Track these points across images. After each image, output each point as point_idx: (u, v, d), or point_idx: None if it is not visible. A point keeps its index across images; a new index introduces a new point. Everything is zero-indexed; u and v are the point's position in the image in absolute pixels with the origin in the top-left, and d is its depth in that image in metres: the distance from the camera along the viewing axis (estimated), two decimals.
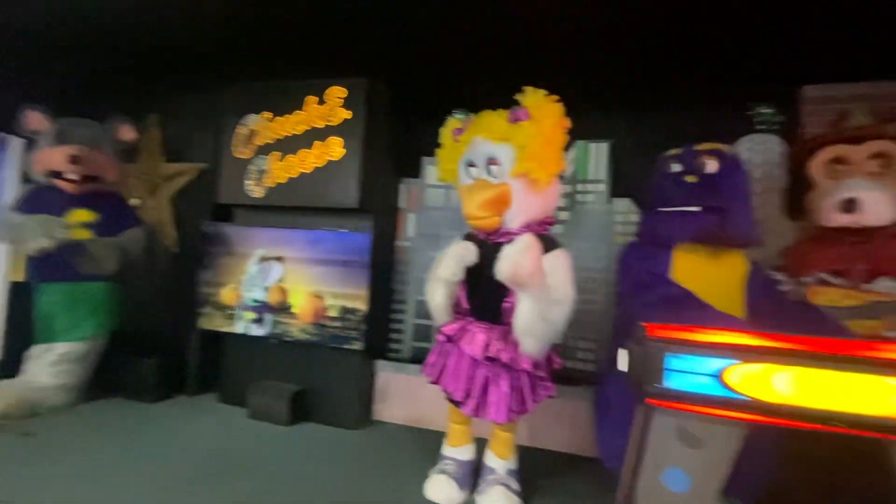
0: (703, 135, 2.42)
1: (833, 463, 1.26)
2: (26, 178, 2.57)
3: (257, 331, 2.52)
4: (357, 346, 2.35)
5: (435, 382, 1.80)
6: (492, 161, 1.70)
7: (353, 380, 2.43)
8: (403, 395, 2.54)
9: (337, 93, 2.39)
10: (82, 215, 2.36)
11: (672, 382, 1.04)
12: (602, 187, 2.63)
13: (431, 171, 2.65)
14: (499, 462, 1.79)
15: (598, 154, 2.67)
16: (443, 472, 1.80)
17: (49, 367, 2.33)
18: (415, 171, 2.75)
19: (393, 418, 2.56)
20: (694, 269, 1.65)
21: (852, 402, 0.93)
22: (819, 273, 1.72)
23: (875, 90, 2.23)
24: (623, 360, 1.17)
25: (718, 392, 1.00)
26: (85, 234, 2.34)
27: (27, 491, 1.62)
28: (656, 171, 1.82)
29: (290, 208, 2.52)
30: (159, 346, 2.76)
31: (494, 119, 1.70)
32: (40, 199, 2.33)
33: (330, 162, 2.38)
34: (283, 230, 2.49)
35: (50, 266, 2.29)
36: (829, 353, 0.95)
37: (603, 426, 1.74)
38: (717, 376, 1.00)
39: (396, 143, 2.69)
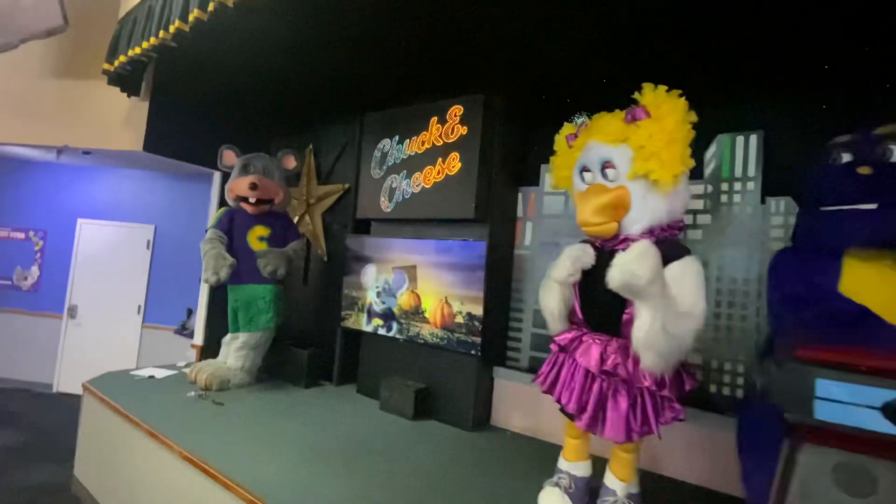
0: (889, 115, 1.94)
1: None
2: (223, 204, 3.29)
3: (386, 333, 2.79)
4: (475, 351, 2.44)
5: (547, 392, 1.77)
6: (607, 164, 1.63)
7: (470, 384, 2.52)
8: (521, 404, 2.54)
9: (455, 111, 2.55)
10: (260, 231, 2.93)
11: (823, 413, 0.87)
12: (752, 185, 2.29)
13: (549, 179, 2.63)
14: (618, 484, 1.68)
15: (746, 147, 2.33)
16: (557, 485, 1.75)
17: (235, 351, 2.93)
18: (533, 180, 2.76)
19: (511, 426, 2.58)
20: (872, 282, 1.32)
21: None
22: None
23: None
24: (764, 384, 1.02)
25: (885, 429, 0.81)
26: (262, 246, 2.90)
27: (220, 447, 2.06)
28: (820, 162, 1.52)
29: (417, 220, 2.75)
30: (312, 341, 3.25)
31: (609, 120, 1.64)
32: (233, 218, 2.96)
33: (448, 176, 2.54)
34: (408, 240, 2.72)
35: (236, 271, 2.88)
36: None
37: (747, 461, 1.50)
38: (884, 410, 0.81)
39: (514, 152, 2.74)
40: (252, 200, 2.87)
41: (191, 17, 2.12)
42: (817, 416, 0.87)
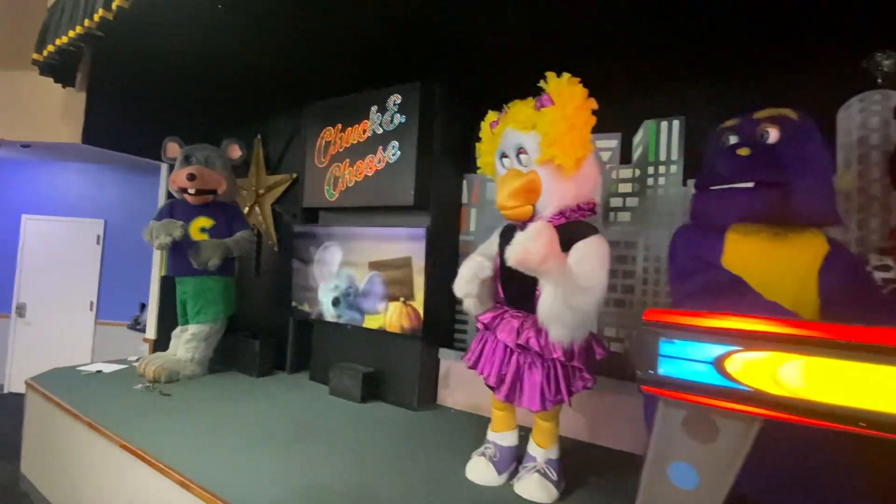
0: (798, 100, 2.09)
1: None
2: (169, 195, 3.25)
3: (336, 319, 2.84)
4: (417, 334, 2.51)
5: (472, 367, 1.86)
6: (521, 150, 1.71)
7: (415, 366, 2.60)
8: (464, 383, 2.64)
9: (394, 99, 2.59)
10: (202, 222, 2.92)
11: (665, 369, 0.97)
12: (675, 168, 2.42)
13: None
14: (538, 451, 1.79)
15: (669, 132, 2.46)
16: (483, 454, 1.86)
17: (184, 343, 2.93)
18: (476, 167, 2.82)
19: (455, 404, 2.68)
20: (751, 254, 1.45)
21: (880, 398, 0.78)
22: None
23: None
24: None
25: (716, 381, 0.91)
26: (204, 237, 2.89)
27: (161, 435, 2.08)
28: (710, 145, 1.64)
29: (361, 209, 2.79)
30: (264, 330, 3.27)
31: (521, 108, 1.71)
32: (174, 209, 2.94)
33: (388, 164, 2.58)
34: (354, 228, 2.76)
35: (182, 263, 2.87)
36: (854, 342, 0.81)
37: (647, 422, 1.63)
38: (715, 364, 0.92)
39: (457, 140, 2.79)
40: (191, 191, 2.85)
41: (113, 5, 2.09)
42: (661, 373, 0.97)
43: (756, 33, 2.18)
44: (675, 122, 2.42)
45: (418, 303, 2.52)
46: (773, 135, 1.44)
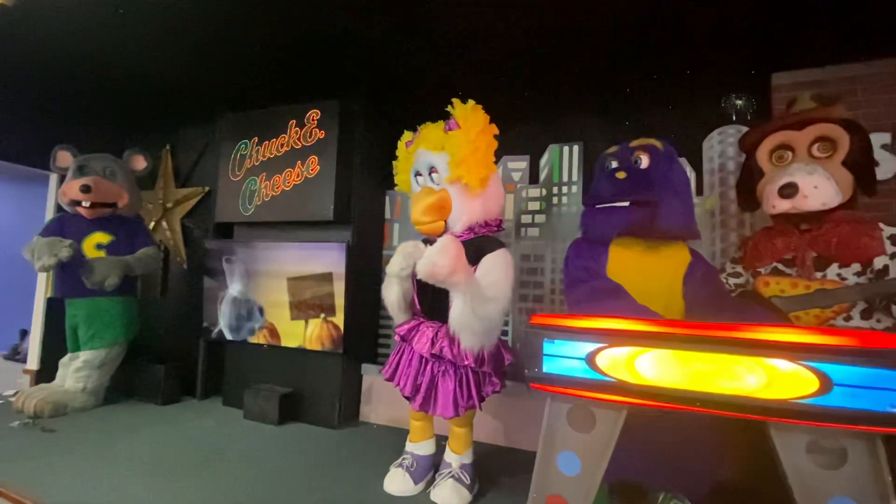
0: (673, 129, 2.44)
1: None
2: (60, 209, 2.94)
3: (250, 338, 2.73)
4: (338, 350, 2.50)
5: (389, 379, 1.90)
6: (432, 169, 1.82)
7: (335, 383, 2.57)
8: (387, 397, 2.65)
9: (313, 115, 2.59)
10: (99, 237, 2.68)
11: (548, 367, 1.09)
12: (576, 188, 2.67)
13: None
14: (453, 457, 1.86)
15: (570, 156, 2.71)
16: (400, 465, 1.89)
17: (74, 372, 2.64)
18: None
19: (378, 419, 2.68)
20: (629, 263, 1.66)
21: (716, 382, 0.95)
22: (773, 263, 1.69)
23: (843, 73, 2.16)
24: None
25: (588, 375, 1.05)
26: (100, 254, 2.65)
27: (43, 477, 1.85)
28: (596, 168, 1.86)
29: (280, 223, 2.73)
30: (171, 354, 3.04)
31: (432, 130, 1.82)
32: (64, 224, 2.67)
33: (307, 179, 2.57)
34: (272, 244, 2.70)
35: (73, 283, 2.60)
36: (691, 335, 0.98)
37: None
38: (587, 359, 1.05)
39: (378, 156, 2.85)
40: (86, 204, 2.62)
41: None
42: (545, 371, 1.09)
43: (640, 74, 2.53)
44: (576, 147, 2.69)
45: (339, 319, 2.51)
46: (644, 161, 1.67)
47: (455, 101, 1.75)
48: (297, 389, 2.64)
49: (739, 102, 2.38)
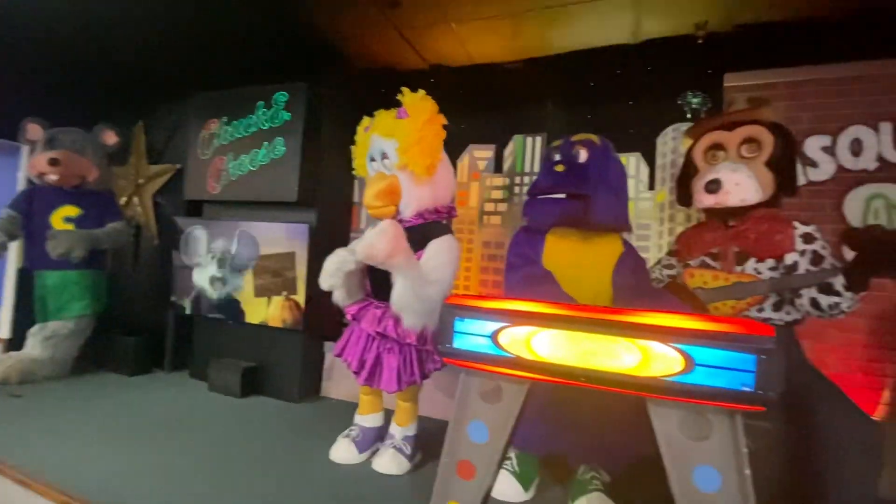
0: (631, 124, 2.53)
1: None
2: (30, 181, 2.97)
3: (217, 315, 2.81)
4: (300, 327, 2.59)
5: (338, 356, 2.00)
6: (384, 155, 1.88)
7: (297, 359, 2.66)
8: (348, 374, 2.73)
9: (280, 97, 2.63)
10: (68, 210, 2.72)
11: (458, 343, 1.18)
12: None
13: None
14: (397, 429, 1.97)
15: (533, 147, 2.78)
16: (347, 436, 1.99)
17: (42, 341, 2.70)
18: None
19: (338, 395, 2.79)
20: (564, 252, 1.75)
21: (601, 361, 1.04)
22: (701, 256, 1.78)
23: (791, 76, 2.24)
24: None
25: (493, 351, 1.14)
26: (68, 227, 2.69)
27: (8, 440, 1.93)
28: (542, 159, 1.93)
29: (247, 203, 2.79)
30: (141, 327, 3.12)
31: (385, 117, 1.88)
32: (33, 197, 2.71)
33: (273, 160, 2.62)
34: (239, 222, 2.75)
35: (42, 255, 2.65)
36: (579, 317, 1.07)
37: None
38: (492, 337, 1.14)
39: (347, 140, 2.90)
40: (53, 178, 2.65)
41: None
42: (455, 346, 1.18)
43: (603, 69, 2.60)
44: (539, 138, 2.76)
45: (300, 297, 2.59)
46: (583, 155, 1.75)
47: (405, 89, 1.80)
48: (260, 364, 2.74)
49: (694, 101, 2.46)
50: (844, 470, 1.30)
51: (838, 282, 1.41)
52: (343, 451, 1.94)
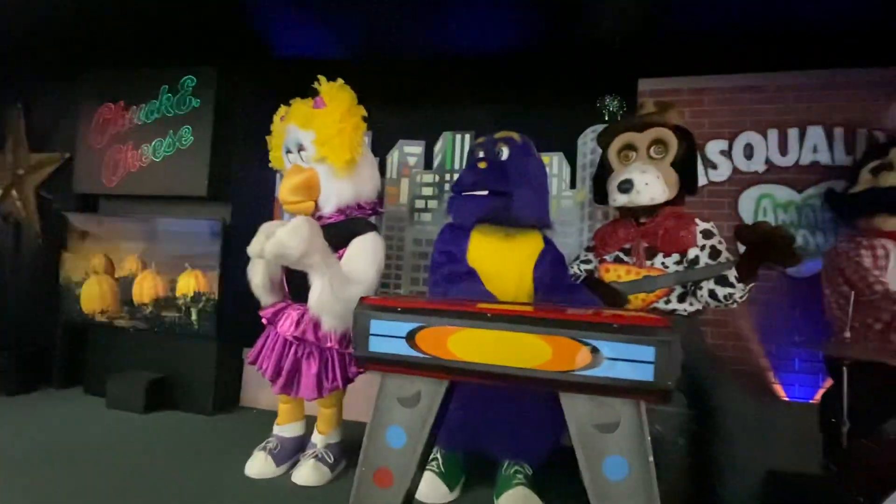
0: (555, 124, 2.59)
1: None
2: None
3: (120, 322, 2.51)
4: (212, 333, 2.38)
5: (253, 363, 1.85)
6: (300, 147, 1.77)
7: (210, 368, 2.45)
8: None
9: (188, 82, 2.40)
10: None
11: (374, 346, 1.13)
12: None
13: None
14: (319, 437, 1.87)
15: (463, 144, 2.78)
16: (263, 448, 1.86)
17: None
18: None
19: (261, 404, 2.61)
20: (487, 249, 1.75)
21: (515, 358, 1.04)
22: (615, 252, 1.86)
23: (695, 84, 2.42)
24: None
25: (409, 352, 1.10)
26: None
27: None
28: (468, 156, 1.92)
29: (149, 198, 2.52)
30: (23, 338, 2.72)
31: (301, 106, 1.77)
32: None
33: (179, 150, 2.39)
34: (136, 219, 2.48)
35: None
36: (493, 315, 1.06)
37: None
38: (407, 338, 1.10)
39: (266, 131, 2.72)
40: None
41: None
42: (371, 349, 1.12)
43: (529, 70, 2.66)
44: (468, 136, 2.76)
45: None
46: (505, 152, 1.76)
47: (321, 77, 1.71)
48: (168, 375, 2.49)
49: (611, 104, 2.57)
50: (739, 448, 1.41)
51: (732, 274, 1.53)
52: (259, 465, 1.80)
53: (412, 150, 2.84)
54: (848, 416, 1.46)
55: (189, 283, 2.36)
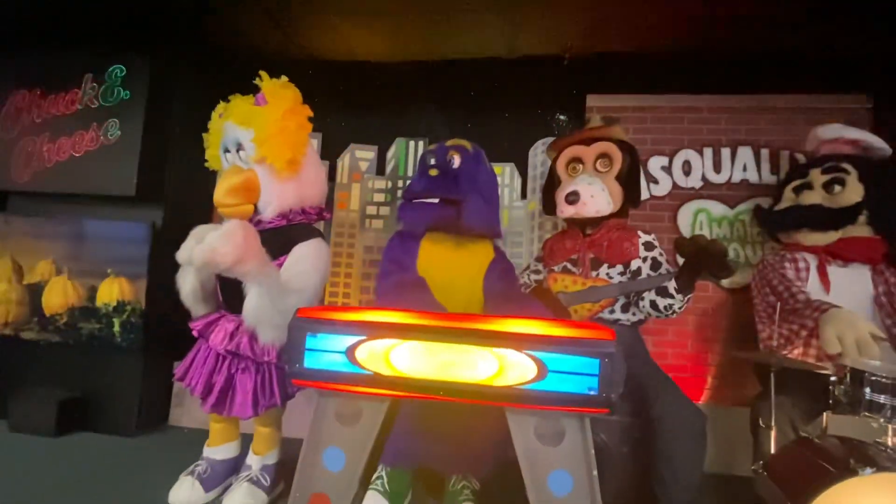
0: (507, 136, 2.62)
1: None
2: None
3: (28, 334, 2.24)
4: (137, 345, 2.17)
5: (180, 380, 1.70)
6: (239, 146, 1.66)
7: (135, 384, 2.24)
8: None
9: (116, 70, 2.20)
10: None
11: (310, 362, 1.05)
12: None
13: None
14: (254, 458, 1.74)
15: (416, 151, 2.74)
16: (191, 473, 1.70)
17: None
18: None
19: (193, 422, 2.41)
20: (438, 258, 1.71)
21: (459, 372, 1.00)
22: (563, 262, 1.88)
23: (640, 102, 2.52)
24: None
25: (348, 368, 1.03)
26: None
27: None
28: (419, 163, 1.88)
29: (68, 196, 2.28)
30: None
31: (240, 103, 1.66)
32: None
33: (104, 146, 2.18)
34: (52, 220, 2.24)
35: None
36: (436, 327, 1.02)
37: None
38: (347, 353, 1.03)
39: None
40: None
41: None
42: (306, 366, 1.04)
43: (483, 81, 2.67)
44: (421, 143, 2.72)
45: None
46: (456, 161, 1.74)
47: (263, 74, 1.61)
48: (84, 393, 2.24)
49: (561, 117, 2.64)
50: (677, 453, 1.45)
51: (671, 285, 1.58)
52: (185, 492, 1.64)
53: (364, 155, 2.77)
54: (775, 421, 1.53)
55: (111, 291, 2.14)
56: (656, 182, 2.47)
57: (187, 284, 1.67)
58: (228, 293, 1.71)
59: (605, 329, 0.99)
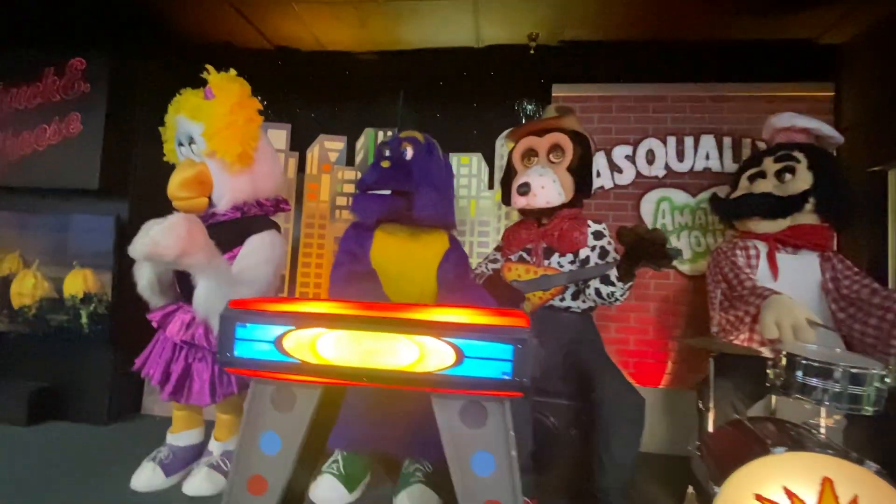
0: (475, 125, 2.63)
1: None
2: None
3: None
4: (104, 337, 2.21)
5: (138, 370, 1.74)
6: (191, 140, 1.67)
7: (105, 373, 2.28)
8: None
9: (77, 64, 2.20)
10: None
11: (240, 351, 1.09)
12: None
13: None
14: (216, 444, 1.79)
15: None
16: (153, 459, 1.75)
17: None
18: None
19: (165, 411, 2.45)
20: (391, 248, 1.75)
21: (383, 359, 1.03)
22: (519, 251, 1.91)
23: (604, 91, 2.53)
24: None
25: (276, 357, 1.07)
26: None
27: None
28: (375, 155, 1.90)
29: (32, 190, 2.29)
30: None
31: (190, 97, 1.67)
32: None
33: (67, 139, 2.19)
34: (16, 213, 2.26)
35: None
36: (360, 316, 1.05)
37: None
38: (275, 343, 1.07)
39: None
40: None
41: None
42: (236, 354, 1.08)
43: (452, 70, 2.68)
44: (390, 133, 2.73)
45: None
46: (409, 152, 1.76)
47: (209, 67, 1.62)
48: (55, 384, 2.28)
49: (528, 108, 2.65)
50: (613, 435, 1.50)
51: (613, 273, 1.61)
52: (145, 477, 1.70)
53: (333, 146, 2.78)
54: (717, 403, 1.58)
55: (77, 284, 2.17)
56: (620, 171, 2.49)
57: (143, 278, 1.70)
58: (185, 285, 1.73)
59: (521, 315, 1.03)
